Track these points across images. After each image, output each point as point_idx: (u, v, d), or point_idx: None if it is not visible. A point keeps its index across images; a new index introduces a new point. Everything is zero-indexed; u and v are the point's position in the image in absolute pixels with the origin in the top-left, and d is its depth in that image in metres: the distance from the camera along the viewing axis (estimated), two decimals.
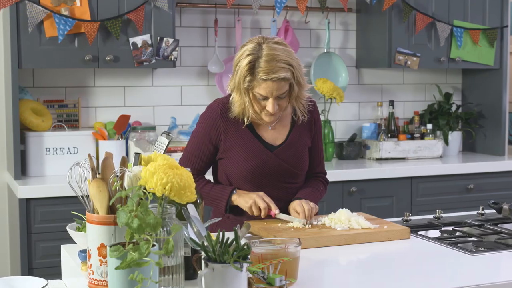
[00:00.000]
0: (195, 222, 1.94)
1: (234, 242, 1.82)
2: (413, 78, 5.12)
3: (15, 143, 3.80)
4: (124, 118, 4.09)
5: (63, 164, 3.93)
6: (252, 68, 2.64)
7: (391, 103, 4.83)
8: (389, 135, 4.78)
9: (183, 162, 2.84)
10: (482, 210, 2.93)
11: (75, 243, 2.37)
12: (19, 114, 3.85)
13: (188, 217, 1.93)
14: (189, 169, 1.93)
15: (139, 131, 4.19)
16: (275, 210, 2.67)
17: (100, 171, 1.93)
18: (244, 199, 2.73)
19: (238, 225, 2.00)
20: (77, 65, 3.92)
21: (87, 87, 4.32)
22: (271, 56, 2.63)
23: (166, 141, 2.03)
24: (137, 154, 1.95)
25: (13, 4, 3.75)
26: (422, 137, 4.84)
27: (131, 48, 4.00)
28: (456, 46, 4.72)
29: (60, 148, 3.99)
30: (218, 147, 2.81)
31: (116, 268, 1.68)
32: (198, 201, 2.09)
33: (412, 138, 4.82)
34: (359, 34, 4.91)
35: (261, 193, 2.73)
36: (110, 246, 1.73)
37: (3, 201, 4.19)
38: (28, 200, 3.66)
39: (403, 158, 4.74)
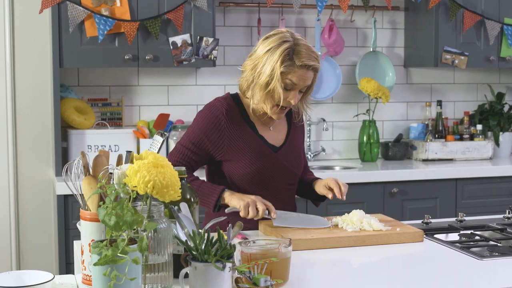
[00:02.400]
0: (184, 220, 1.95)
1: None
2: (464, 77, 5.00)
3: (56, 140, 3.90)
4: (163, 117, 4.10)
5: None
6: (291, 53, 2.59)
7: (439, 103, 4.73)
8: (436, 136, 4.68)
9: (173, 154, 2.74)
10: (509, 213, 2.84)
11: None
12: (60, 112, 3.95)
13: (177, 216, 1.94)
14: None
15: (179, 130, 4.23)
16: (274, 215, 2.58)
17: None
18: (239, 198, 2.62)
19: (230, 225, 1.99)
20: (117, 64, 3.99)
21: (131, 86, 4.39)
22: (307, 46, 2.64)
23: (161, 140, 2.04)
24: (129, 152, 1.97)
25: (55, 5, 3.84)
26: (471, 138, 4.72)
27: (171, 47, 4.05)
28: (507, 45, 4.59)
29: (102, 145, 4.07)
30: (220, 148, 2.71)
31: (94, 265, 1.70)
32: (193, 199, 2.09)
33: (461, 139, 4.71)
34: (407, 33, 4.82)
35: (259, 196, 2.63)
36: (93, 243, 1.76)
37: (49, 197, 4.30)
38: (66, 196, 3.74)
39: (451, 159, 4.63)
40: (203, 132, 2.71)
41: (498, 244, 2.44)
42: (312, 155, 4.66)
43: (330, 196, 2.71)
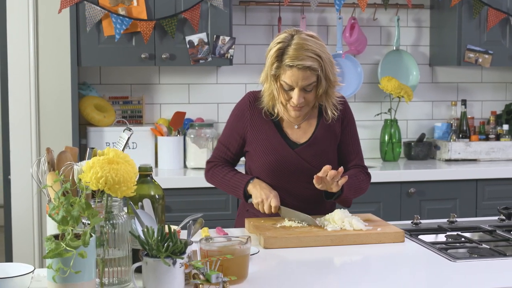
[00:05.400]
0: (143, 216, 1.98)
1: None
2: (493, 76, 4.90)
3: (73, 137, 3.99)
4: (179, 115, 4.19)
5: None
6: (280, 55, 2.63)
7: (463, 102, 4.65)
8: (460, 136, 4.61)
9: (214, 152, 2.91)
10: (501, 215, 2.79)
11: None
12: (78, 110, 4.04)
13: (135, 212, 1.97)
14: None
15: (197, 128, 4.27)
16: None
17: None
18: (257, 191, 2.69)
19: (190, 221, 2.02)
20: (134, 63, 4.06)
21: (152, 84, 4.45)
22: (300, 45, 2.61)
23: (126, 137, 2.08)
24: (91, 148, 2.02)
25: (73, 5, 3.93)
26: (497, 138, 4.63)
27: (187, 46, 4.09)
28: None
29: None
30: (245, 139, 2.82)
31: (43, 257, 1.75)
32: (157, 196, 2.13)
33: (487, 139, 4.62)
34: (432, 31, 4.76)
35: (276, 193, 2.67)
36: (45, 237, 1.81)
37: None
38: None
39: (474, 160, 4.55)
40: (232, 127, 2.85)
41: (479, 246, 2.41)
42: None
43: (319, 186, 2.63)
